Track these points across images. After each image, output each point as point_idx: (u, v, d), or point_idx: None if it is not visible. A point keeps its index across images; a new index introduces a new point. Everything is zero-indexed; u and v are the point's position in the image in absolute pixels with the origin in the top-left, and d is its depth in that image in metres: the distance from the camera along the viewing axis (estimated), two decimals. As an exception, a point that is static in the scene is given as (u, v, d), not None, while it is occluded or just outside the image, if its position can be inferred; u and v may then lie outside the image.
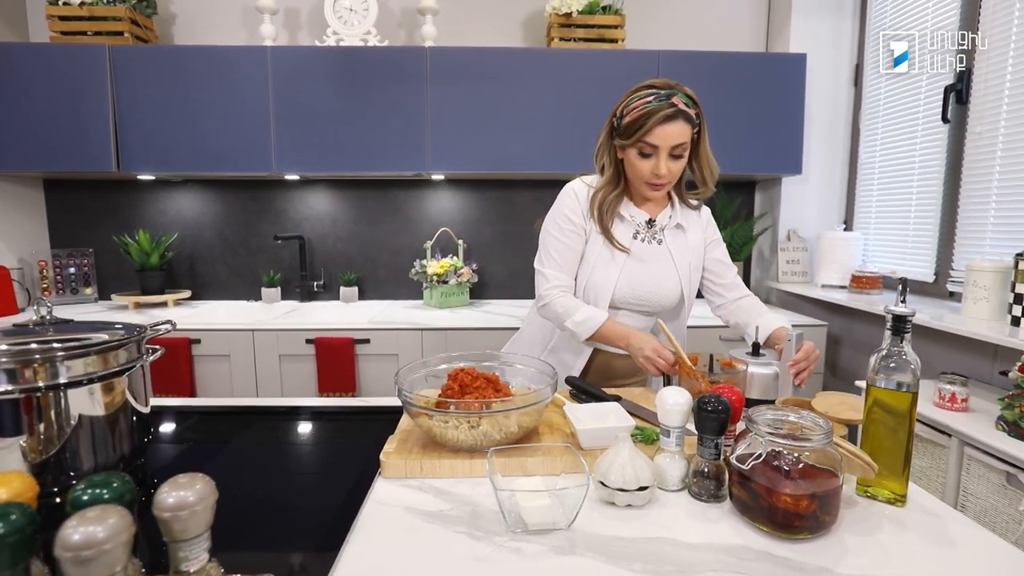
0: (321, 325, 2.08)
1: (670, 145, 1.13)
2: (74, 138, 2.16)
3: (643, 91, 1.14)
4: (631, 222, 1.26)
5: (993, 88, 1.76)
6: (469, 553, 0.63)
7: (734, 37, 2.62)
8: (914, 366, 0.73)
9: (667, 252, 1.27)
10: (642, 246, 1.26)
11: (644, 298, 1.25)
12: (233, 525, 0.67)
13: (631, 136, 1.14)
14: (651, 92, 1.13)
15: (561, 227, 1.26)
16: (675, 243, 1.28)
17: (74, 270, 2.49)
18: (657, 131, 1.11)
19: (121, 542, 0.43)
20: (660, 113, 1.10)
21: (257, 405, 1.19)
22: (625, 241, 1.24)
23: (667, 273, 1.26)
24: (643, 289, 1.25)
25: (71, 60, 2.14)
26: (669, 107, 1.10)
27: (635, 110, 1.13)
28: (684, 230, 1.29)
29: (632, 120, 1.13)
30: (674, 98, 1.11)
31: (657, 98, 1.11)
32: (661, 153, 1.14)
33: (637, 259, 1.25)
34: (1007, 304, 1.56)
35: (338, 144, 2.24)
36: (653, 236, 1.27)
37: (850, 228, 2.47)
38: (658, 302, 1.26)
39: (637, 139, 1.13)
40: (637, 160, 1.17)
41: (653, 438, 0.90)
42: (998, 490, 1.27)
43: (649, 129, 1.11)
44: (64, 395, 0.72)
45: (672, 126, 1.11)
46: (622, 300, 1.25)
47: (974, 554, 0.64)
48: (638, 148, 1.15)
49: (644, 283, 1.25)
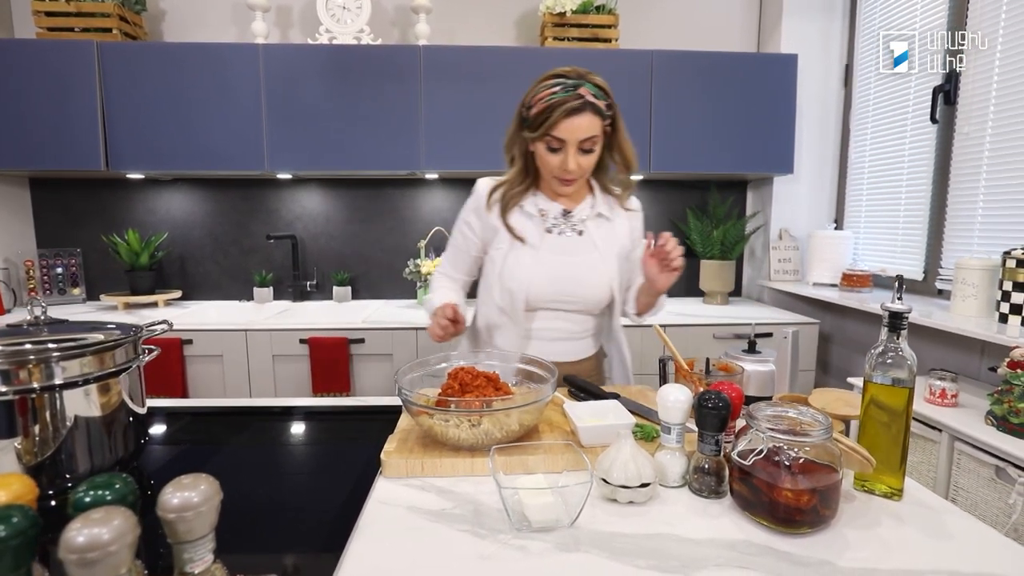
0: (315, 325, 2.06)
1: (578, 139, 1.06)
2: (61, 136, 2.13)
3: (550, 80, 1.07)
4: (540, 217, 1.18)
5: (980, 89, 1.79)
6: (473, 552, 0.63)
7: (726, 37, 2.64)
8: (910, 362, 0.74)
9: (591, 242, 1.18)
10: (559, 239, 1.17)
11: (569, 293, 1.17)
12: (235, 526, 0.66)
13: (537, 129, 1.07)
14: (558, 82, 1.05)
15: (458, 226, 1.23)
16: (599, 233, 1.19)
17: (61, 270, 2.45)
18: (563, 124, 1.05)
19: (126, 544, 0.43)
20: (565, 105, 1.03)
21: (254, 406, 1.18)
22: (531, 235, 1.16)
23: (592, 263, 1.17)
24: (566, 283, 1.16)
25: (58, 57, 2.11)
26: (575, 99, 1.03)
27: (541, 101, 1.06)
28: (609, 220, 1.21)
29: (538, 112, 1.06)
30: (581, 89, 1.04)
31: (564, 88, 1.04)
32: (569, 148, 1.07)
33: (555, 253, 1.17)
34: (995, 301, 1.59)
35: (331, 143, 2.23)
36: (572, 227, 1.18)
37: (841, 227, 2.50)
38: (585, 296, 1.18)
39: (543, 132, 1.07)
40: (546, 154, 1.10)
41: (653, 435, 0.90)
42: (987, 484, 1.29)
43: (555, 122, 1.04)
44: (60, 396, 0.71)
45: (579, 119, 1.05)
46: (542, 299, 1.17)
47: (970, 546, 0.65)
48: (546, 142, 1.09)
49: (565, 276, 1.16)
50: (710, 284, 2.54)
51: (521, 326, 1.19)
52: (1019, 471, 1.20)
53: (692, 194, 2.71)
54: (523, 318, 1.19)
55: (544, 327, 1.20)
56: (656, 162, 2.32)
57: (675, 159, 2.34)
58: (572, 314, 1.21)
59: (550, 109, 1.04)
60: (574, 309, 1.20)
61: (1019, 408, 1.26)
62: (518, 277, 1.15)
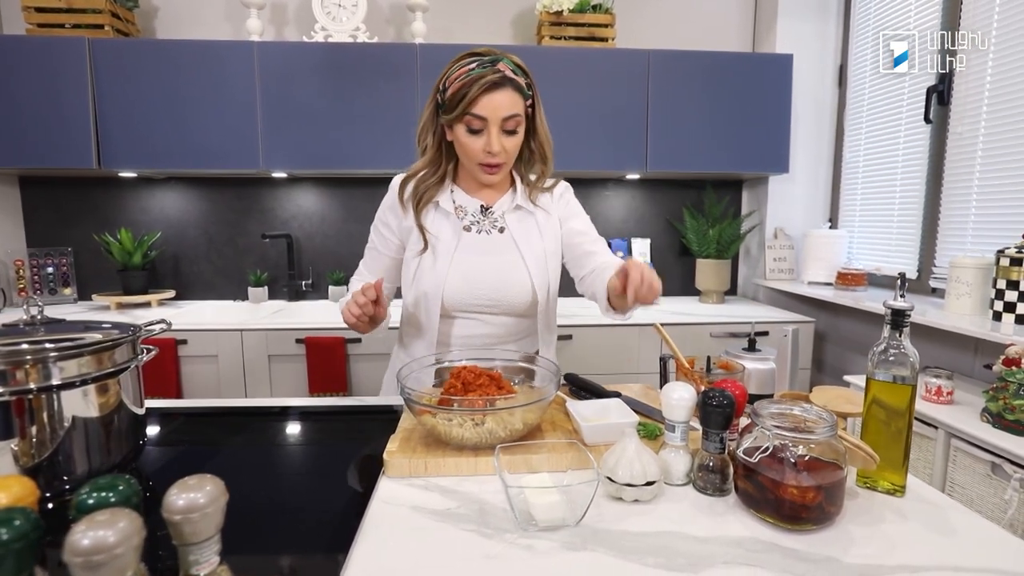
0: (311, 324, 2.05)
1: (500, 117, 0.99)
2: (52, 134, 2.10)
3: (465, 59, 1.01)
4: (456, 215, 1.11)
5: (974, 89, 1.80)
6: (480, 551, 0.63)
7: (722, 37, 2.65)
8: (913, 359, 0.75)
9: (511, 240, 1.10)
10: (477, 238, 1.10)
11: (488, 297, 1.09)
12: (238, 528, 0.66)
13: (455, 108, 0.99)
14: (474, 59, 0.99)
15: (375, 226, 1.16)
16: (520, 228, 1.11)
17: (52, 270, 2.42)
18: (483, 101, 0.97)
19: (132, 546, 0.42)
20: (484, 79, 0.96)
21: (252, 406, 1.16)
22: (446, 235, 1.09)
23: (513, 263, 1.09)
24: (484, 287, 1.08)
25: (49, 53, 2.08)
26: (494, 72, 0.97)
27: (458, 79, 0.98)
28: (532, 214, 1.13)
29: (455, 91, 0.98)
30: (499, 64, 0.98)
31: (480, 64, 0.98)
32: (491, 127, 0.99)
33: (472, 253, 1.09)
34: (989, 299, 1.60)
35: (327, 141, 2.21)
36: (493, 224, 1.11)
37: (835, 226, 2.52)
38: (506, 300, 1.09)
39: (462, 111, 0.98)
40: (466, 138, 1.02)
41: (656, 433, 0.90)
42: (983, 480, 1.30)
43: (473, 98, 0.97)
44: (57, 397, 0.70)
45: (500, 95, 0.98)
46: (459, 304, 1.09)
47: (974, 542, 0.65)
48: (466, 123, 1.00)
49: (484, 279, 1.08)
50: (706, 283, 2.55)
51: (437, 333, 1.11)
52: (1015, 467, 1.21)
53: (688, 193, 2.72)
54: (439, 324, 1.10)
55: (463, 334, 1.12)
56: (653, 161, 2.33)
57: (671, 158, 2.34)
58: (494, 317, 1.12)
59: (468, 84, 0.97)
60: (496, 312, 1.11)
61: (1014, 405, 1.27)
62: (431, 281, 1.08)
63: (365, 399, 1.19)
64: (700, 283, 2.57)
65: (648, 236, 2.68)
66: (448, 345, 1.13)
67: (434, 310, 1.08)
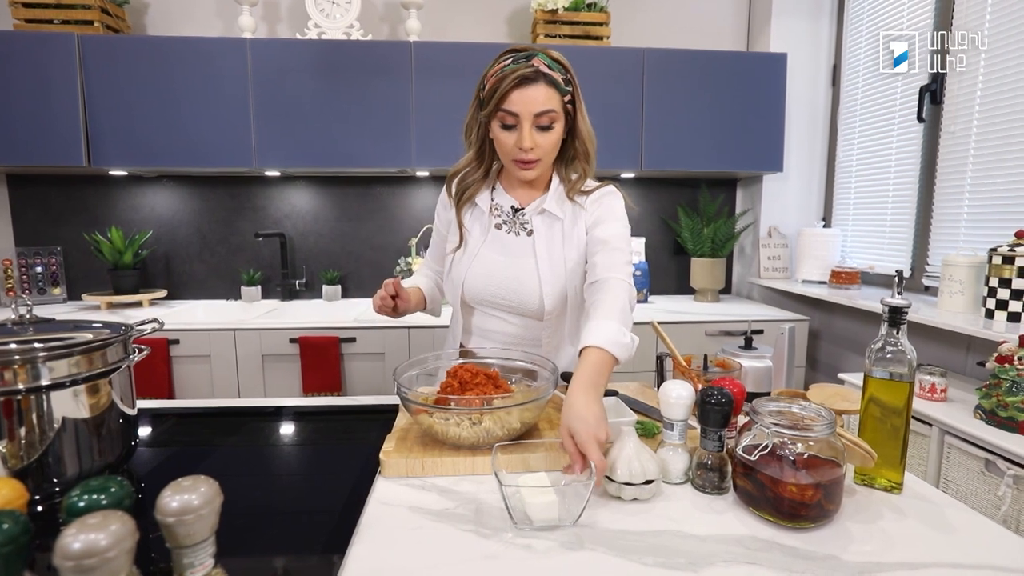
0: (305, 324, 2.03)
1: (532, 113, 0.98)
2: (41, 131, 2.07)
3: (503, 55, 1.01)
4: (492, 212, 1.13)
5: (966, 89, 1.82)
6: (478, 551, 0.62)
7: (717, 36, 2.65)
8: (910, 357, 0.75)
9: (530, 246, 1.10)
10: (506, 237, 1.12)
11: (501, 297, 1.10)
12: (233, 529, 0.65)
13: (489, 103, 1.00)
14: (510, 55, 1.00)
15: (436, 214, 1.25)
16: (545, 234, 1.10)
17: (41, 269, 2.39)
18: (515, 95, 0.97)
19: (124, 549, 0.41)
20: (516, 74, 0.96)
21: (246, 406, 1.15)
22: (476, 232, 1.13)
23: (529, 268, 1.09)
24: (499, 287, 1.10)
25: (37, 49, 2.05)
26: (527, 67, 0.96)
27: (494, 75, 0.99)
28: (560, 219, 1.10)
29: (490, 86, 0.99)
30: (534, 59, 0.98)
31: (515, 59, 0.98)
32: (523, 122, 0.98)
33: (495, 251, 1.11)
34: (981, 297, 1.61)
35: (320, 139, 2.20)
36: (522, 226, 1.12)
37: (829, 225, 2.53)
38: (519, 301, 1.10)
39: (495, 106, 0.99)
40: (501, 133, 1.02)
41: (654, 431, 0.90)
42: (977, 476, 1.31)
43: (505, 92, 0.97)
44: (47, 398, 0.69)
45: (532, 90, 0.97)
46: (476, 298, 1.12)
47: (971, 538, 0.65)
48: (500, 119, 1.01)
49: (500, 280, 1.10)
50: (701, 282, 2.55)
51: (462, 322, 1.18)
52: (1008, 463, 1.22)
53: (683, 192, 2.72)
54: (465, 313, 1.17)
55: (484, 327, 1.16)
56: (648, 160, 2.33)
57: (666, 157, 2.35)
58: (512, 316, 1.14)
59: (501, 79, 0.97)
60: (512, 311, 1.13)
61: (1007, 402, 1.28)
62: (457, 272, 1.13)
63: (360, 398, 1.18)
64: (695, 282, 2.57)
65: (643, 235, 2.69)
66: (470, 333, 1.19)
67: (457, 301, 1.15)
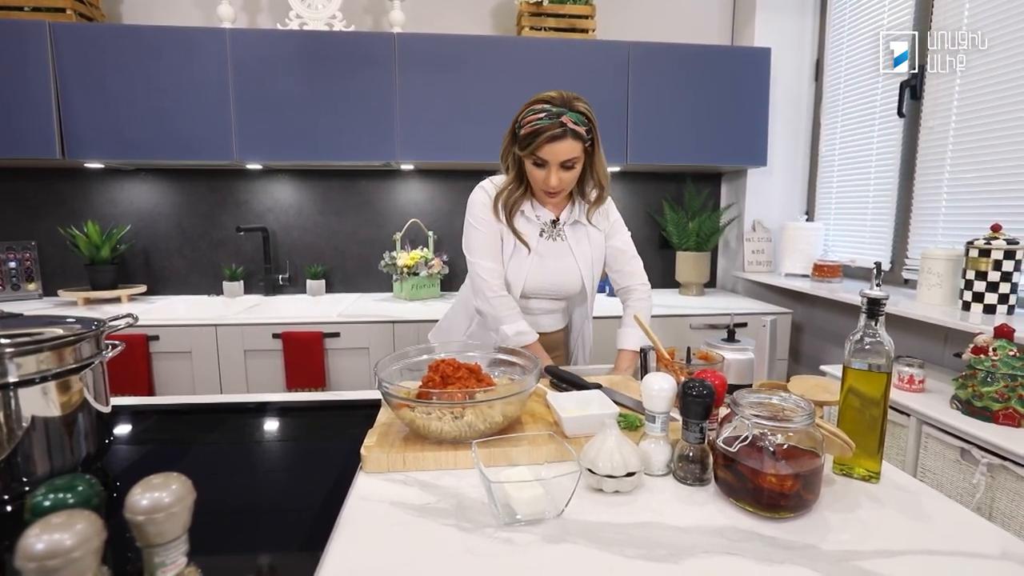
0: (288, 319, 2.01)
1: (559, 160, 1.21)
2: (12, 123, 2.01)
3: (537, 106, 1.21)
4: (537, 222, 1.36)
5: (944, 84, 1.84)
6: (461, 546, 0.62)
7: (702, 30, 2.66)
8: (888, 348, 0.76)
9: (568, 248, 1.38)
10: (547, 243, 1.37)
11: (550, 289, 1.39)
12: (209, 527, 0.64)
13: (525, 148, 1.22)
14: (543, 108, 1.19)
15: (482, 221, 1.35)
16: (575, 238, 1.39)
17: (15, 264, 2.33)
18: (546, 148, 1.19)
19: (91, 549, 0.40)
20: (548, 132, 1.17)
21: (226, 402, 1.13)
22: (530, 238, 1.35)
23: (569, 267, 1.39)
24: (548, 282, 1.38)
25: (6, 38, 1.98)
26: (558, 127, 1.17)
27: (529, 124, 1.20)
28: (585, 227, 1.40)
29: (526, 134, 1.21)
30: (564, 117, 1.18)
31: (548, 116, 1.18)
32: (551, 166, 1.22)
33: (543, 255, 1.36)
34: (958, 290, 1.64)
35: (303, 132, 2.16)
36: (557, 234, 1.38)
37: (812, 219, 2.56)
38: (564, 291, 1.41)
39: (530, 152, 1.22)
40: (533, 169, 1.26)
41: (636, 424, 0.90)
42: (953, 465, 1.34)
43: (539, 145, 1.19)
44: (15, 395, 0.67)
45: (560, 144, 1.19)
46: (532, 291, 1.39)
47: (947, 526, 0.66)
48: (532, 159, 1.24)
49: (549, 277, 1.37)
50: (686, 275, 2.57)
51: None
52: (982, 452, 1.25)
53: (668, 186, 2.73)
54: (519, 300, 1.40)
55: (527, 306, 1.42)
56: (633, 154, 2.33)
57: (652, 151, 2.35)
58: (555, 302, 1.45)
59: (536, 134, 1.19)
60: (556, 297, 1.44)
61: (982, 392, 1.31)
62: (521, 274, 1.35)
63: (343, 393, 1.17)
64: (680, 275, 2.59)
65: (629, 229, 2.68)
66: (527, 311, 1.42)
67: (516, 293, 1.36)
